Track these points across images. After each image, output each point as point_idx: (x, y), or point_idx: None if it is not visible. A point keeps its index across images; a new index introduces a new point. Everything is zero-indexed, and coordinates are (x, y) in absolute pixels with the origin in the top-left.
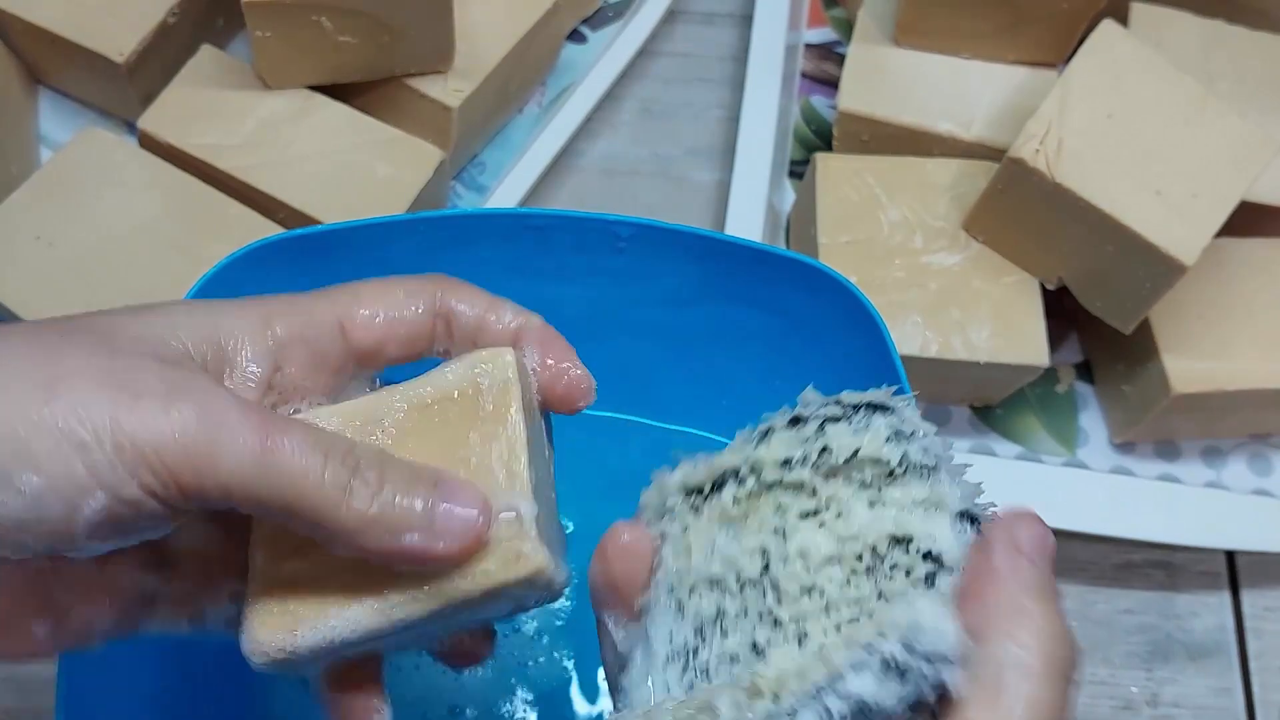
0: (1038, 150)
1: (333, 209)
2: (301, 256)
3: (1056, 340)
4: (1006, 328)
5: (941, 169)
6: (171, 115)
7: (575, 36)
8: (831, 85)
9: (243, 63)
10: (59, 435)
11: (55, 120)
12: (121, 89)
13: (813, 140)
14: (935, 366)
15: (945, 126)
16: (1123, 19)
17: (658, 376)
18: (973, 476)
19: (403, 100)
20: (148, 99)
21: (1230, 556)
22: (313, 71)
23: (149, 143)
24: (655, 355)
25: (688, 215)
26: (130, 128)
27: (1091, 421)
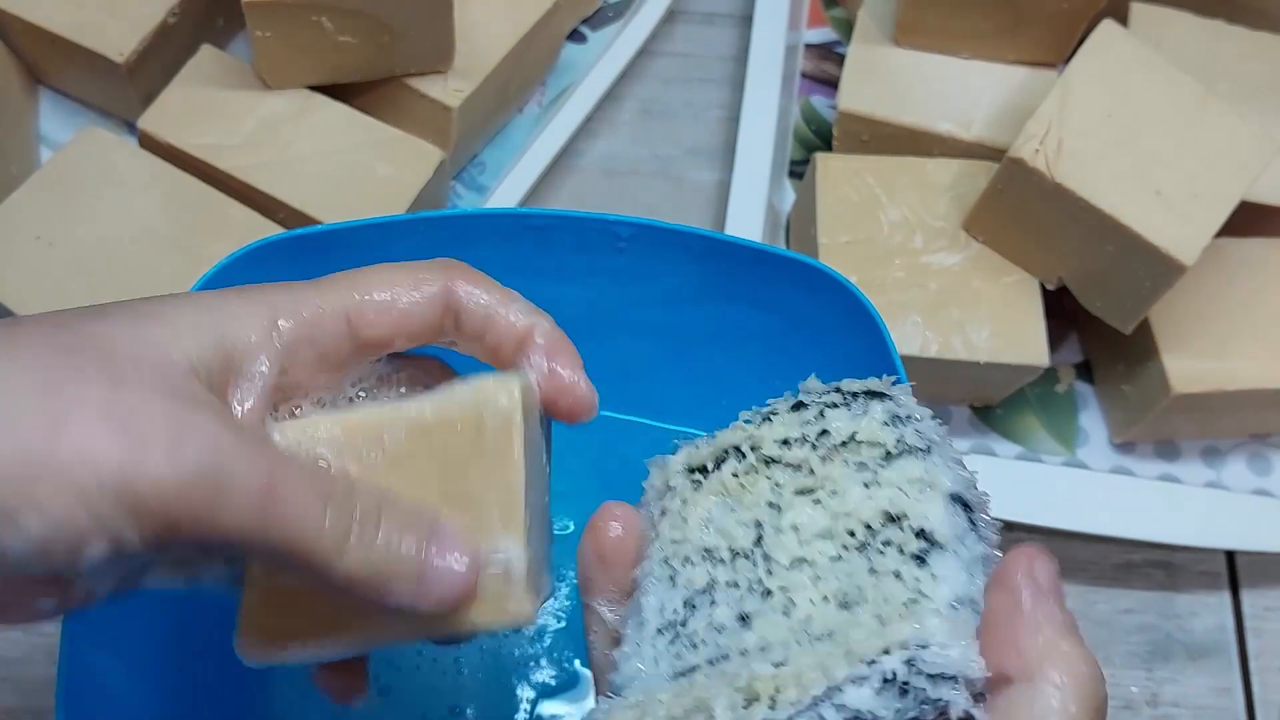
0: (1038, 150)
1: (333, 209)
2: (301, 256)
3: (1056, 340)
4: (1006, 328)
5: (941, 169)
6: (171, 115)
7: (575, 36)
8: (831, 85)
9: (243, 63)
10: (62, 479)
11: (55, 120)
12: (121, 89)
13: (813, 140)
14: (935, 366)
15: (945, 126)
16: (1123, 19)
17: (658, 376)
18: (974, 477)
19: (403, 100)
20: (148, 99)
21: (1230, 556)
22: (313, 71)
23: (149, 143)
24: (655, 355)
25: (688, 215)
26: (130, 128)
27: (1091, 421)
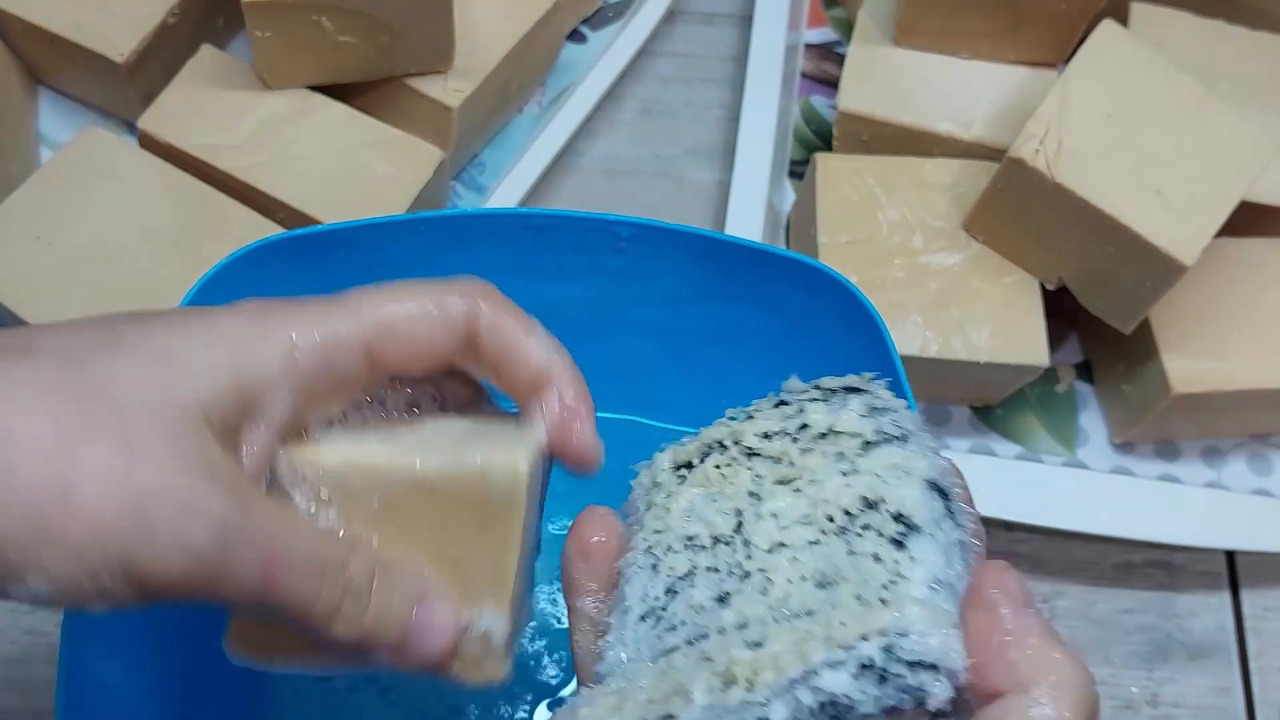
0: (1038, 150)
1: (333, 209)
2: (301, 256)
3: (1056, 340)
4: (1006, 328)
5: (941, 169)
6: (171, 115)
7: (575, 36)
8: (831, 85)
9: (243, 63)
10: (70, 550)
11: (55, 120)
12: (121, 89)
13: (813, 140)
14: (935, 366)
15: (945, 126)
16: (1123, 19)
17: (658, 376)
18: (974, 476)
19: (403, 100)
20: (148, 99)
21: (1230, 556)
22: (313, 71)
23: (149, 143)
24: (655, 355)
25: (688, 215)
26: (130, 128)
27: (1091, 421)
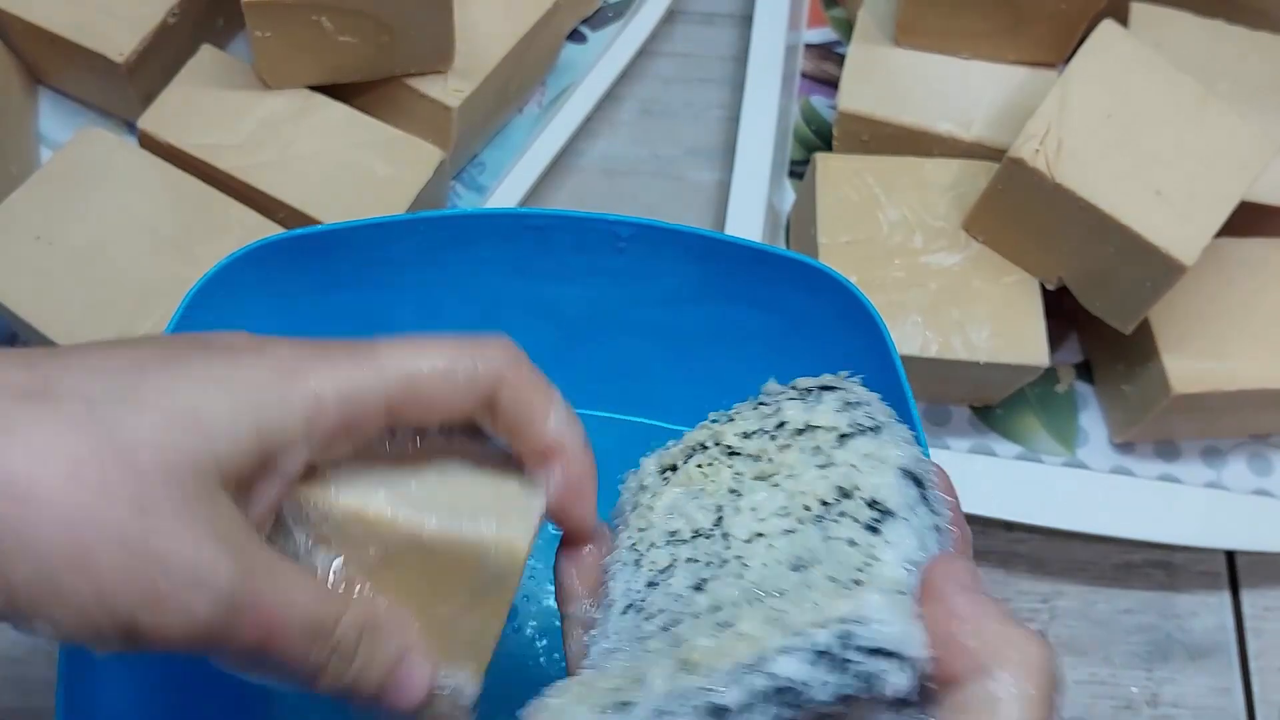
0: (1038, 150)
1: (333, 209)
2: (301, 256)
3: (1056, 340)
4: (1006, 328)
5: (941, 169)
6: (171, 115)
7: (575, 36)
8: (831, 85)
9: (243, 63)
10: (78, 612)
11: (55, 120)
12: (121, 89)
13: (813, 140)
14: (935, 366)
15: (945, 126)
16: (1123, 19)
17: (658, 376)
18: (974, 476)
19: (403, 100)
20: (148, 99)
21: (1230, 556)
22: (313, 71)
23: (149, 143)
24: (655, 355)
25: (688, 215)
26: (130, 128)
27: (1091, 421)
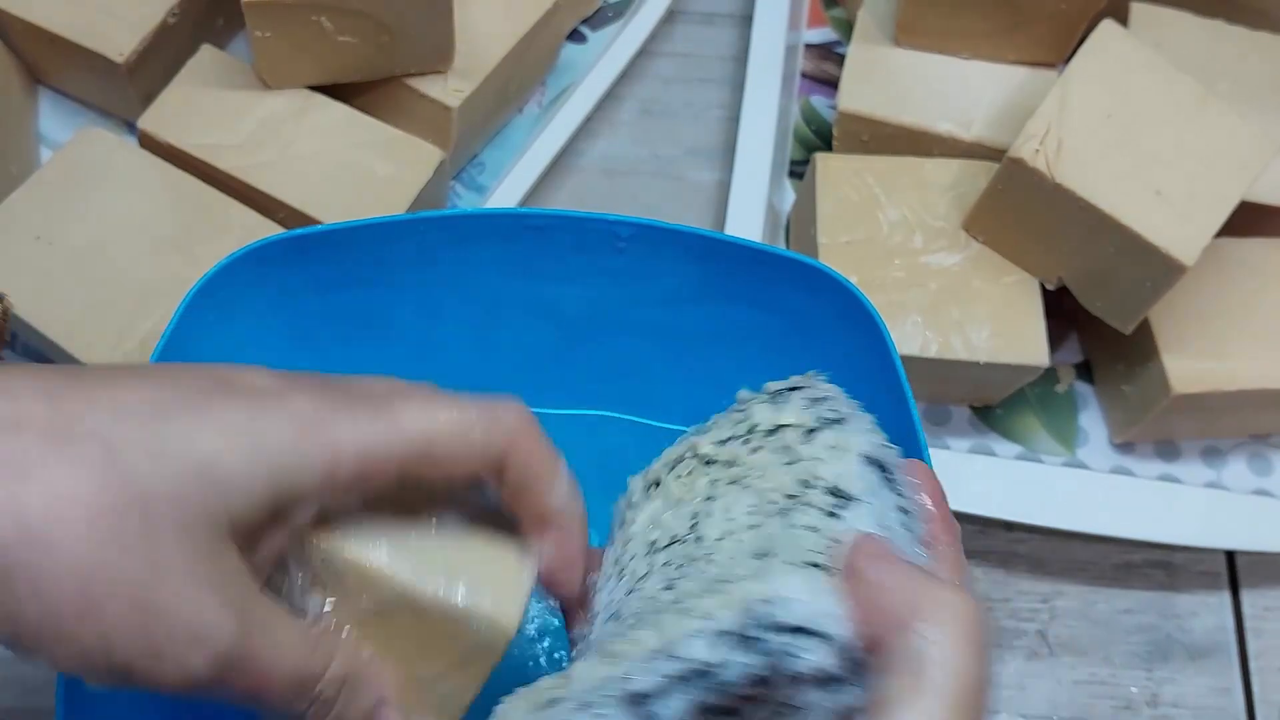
0: (1038, 150)
1: (333, 209)
2: (301, 256)
3: (1056, 340)
4: (1006, 328)
5: (941, 169)
6: (171, 115)
7: (575, 36)
8: (831, 85)
9: (243, 63)
10: (78, 654)
11: (55, 120)
12: (121, 89)
13: (813, 140)
14: (935, 366)
15: (945, 126)
16: (1123, 19)
17: (658, 376)
18: (974, 476)
19: (403, 100)
20: (148, 99)
21: (1230, 556)
22: (313, 71)
23: (149, 143)
24: (655, 355)
25: (688, 215)
26: (130, 128)
27: (1091, 421)
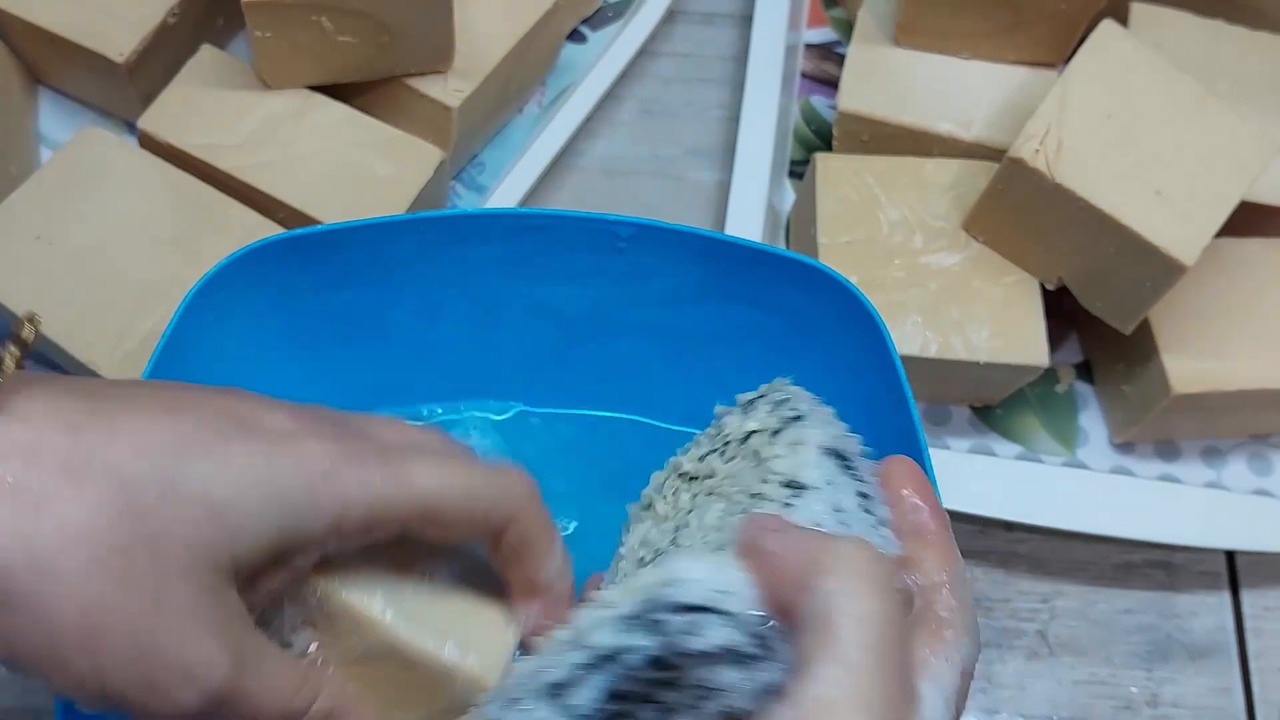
0: (1038, 150)
1: (333, 209)
2: (301, 256)
3: (1056, 340)
4: (1006, 328)
5: (941, 169)
6: (171, 115)
7: (575, 36)
8: (831, 85)
9: (243, 63)
10: (75, 682)
11: (55, 120)
12: (121, 89)
13: (813, 140)
14: (935, 366)
15: (945, 126)
16: (1123, 19)
17: (658, 376)
18: (974, 476)
19: (403, 100)
20: (148, 99)
21: (1230, 556)
22: (313, 71)
23: (149, 143)
24: (655, 355)
25: (688, 215)
26: (130, 128)
27: (1091, 421)
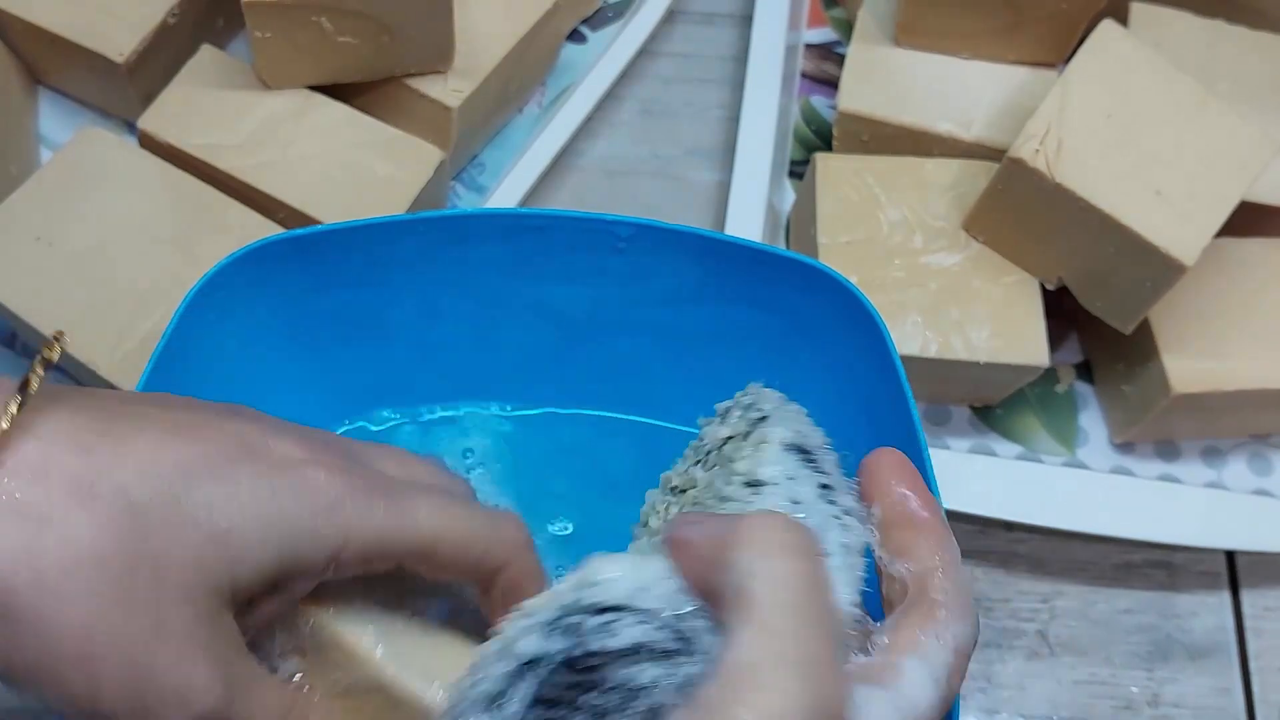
0: (1038, 150)
1: (333, 209)
2: (301, 256)
3: (1056, 340)
4: (1006, 328)
5: (941, 169)
6: (171, 115)
7: (575, 36)
8: (831, 85)
9: (243, 63)
10: (69, 701)
11: (55, 120)
12: (121, 89)
13: (813, 140)
14: (935, 366)
15: (945, 126)
16: (1123, 19)
17: (658, 376)
18: (974, 476)
19: (403, 100)
20: (148, 99)
21: (1230, 556)
22: (313, 71)
23: (149, 143)
24: (655, 355)
25: (688, 215)
26: (130, 128)
27: (1091, 421)
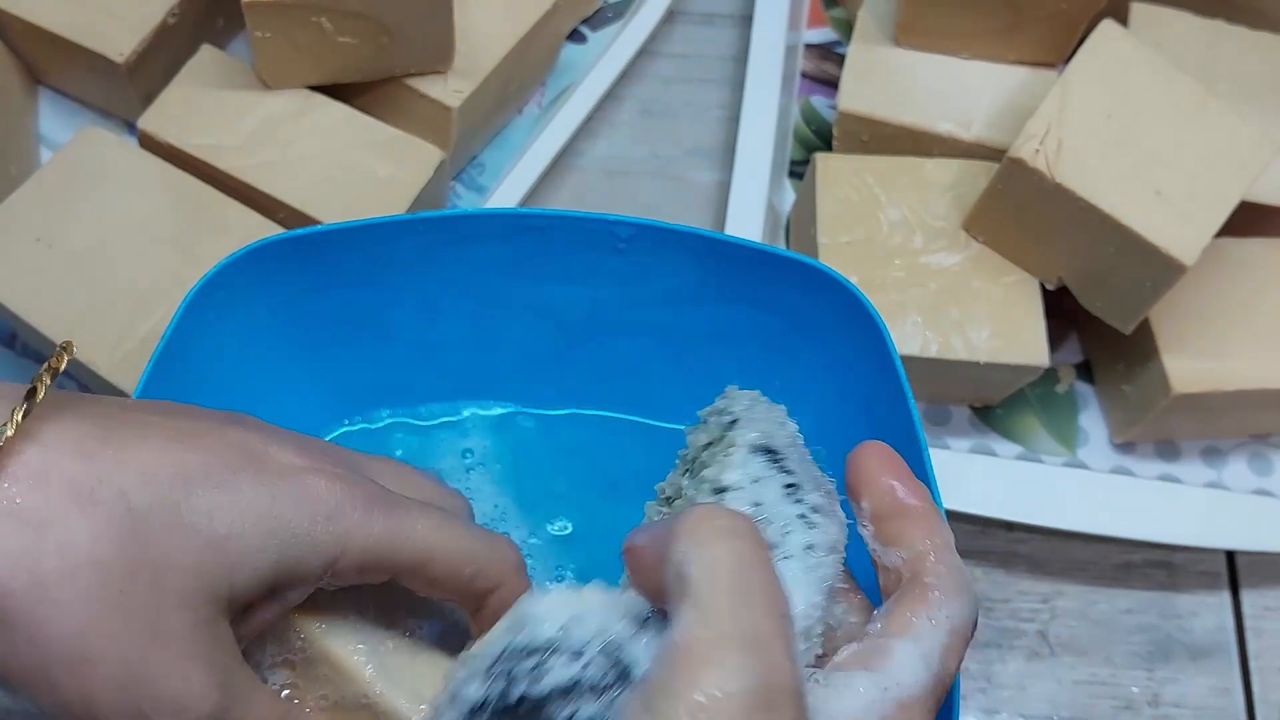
0: (1038, 150)
1: (333, 209)
2: (301, 256)
3: (1056, 340)
4: (1006, 328)
5: (941, 169)
6: (171, 115)
7: (575, 36)
8: (831, 85)
9: (243, 63)
10: (61, 707)
11: (55, 120)
12: (121, 89)
13: (813, 140)
14: (935, 366)
15: (945, 126)
16: (1123, 19)
17: (658, 376)
18: (974, 476)
19: (403, 100)
20: (148, 99)
21: (1230, 556)
22: (313, 71)
23: (149, 143)
24: (655, 355)
25: (688, 215)
26: (130, 128)
27: (1091, 421)
